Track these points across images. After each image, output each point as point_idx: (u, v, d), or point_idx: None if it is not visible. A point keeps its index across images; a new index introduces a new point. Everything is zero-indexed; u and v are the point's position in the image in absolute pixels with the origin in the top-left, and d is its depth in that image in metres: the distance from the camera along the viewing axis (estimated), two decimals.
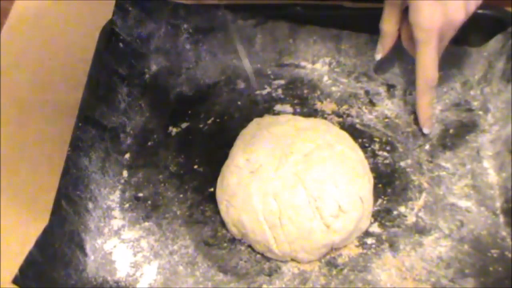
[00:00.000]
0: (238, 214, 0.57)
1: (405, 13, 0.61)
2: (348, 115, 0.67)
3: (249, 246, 0.58)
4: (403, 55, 0.66)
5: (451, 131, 0.65)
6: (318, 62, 0.72)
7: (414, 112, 0.66)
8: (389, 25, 0.63)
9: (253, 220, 0.56)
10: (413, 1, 0.58)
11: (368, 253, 0.57)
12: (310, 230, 0.55)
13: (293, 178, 0.56)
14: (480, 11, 0.65)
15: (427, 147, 0.64)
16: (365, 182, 0.58)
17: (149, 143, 0.66)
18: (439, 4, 0.57)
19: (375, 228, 0.58)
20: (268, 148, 0.59)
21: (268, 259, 0.57)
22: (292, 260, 0.57)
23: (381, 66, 0.70)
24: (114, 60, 0.67)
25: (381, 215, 0.59)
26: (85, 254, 0.56)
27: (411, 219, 0.59)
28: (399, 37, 0.65)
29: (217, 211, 0.60)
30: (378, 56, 0.67)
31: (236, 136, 0.63)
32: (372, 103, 0.68)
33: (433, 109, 0.66)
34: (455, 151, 0.63)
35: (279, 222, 0.55)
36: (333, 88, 0.70)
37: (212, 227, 0.59)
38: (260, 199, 0.56)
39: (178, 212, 0.61)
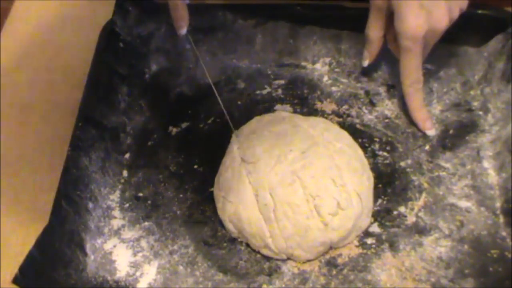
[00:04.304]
0: (234, 208, 0.57)
1: (390, 17, 0.62)
2: (348, 115, 0.67)
3: (249, 246, 0.58)
4: None
5: (451, 131, 0.65)
6: (318, 62, 0.72)
7: None
8: (375, 31, 0.64)
9: (248, 212, 0.56)
10: (398, 10, 0.59)
11: (368, 253, 0.57)
12: (307, 227, 0.55)
13: (291, 176, 0.56)
14: (480, 11, 0.66)
15: (427, 147, 0.64)
16: (364, 179, 0.59)
17: (149, 143, 0.66)
18: (423, 13, 0.58)
19: (375, 228, 0.58)
20: (266, 145, 0.59)
21: (268, 259, 0.57)
22: (290, 259, 0.57)
23: (381, 67, 0.70)
24: (114, 60, 0.67)
25: (381, 215, 0.59)
26: (85, 254, 0.56)
27: (411, 219, 0.59)
28: (385, 40, 0.65)
29: (217, 211, 0.60)
30: (366, 63, 0.67)
31: None
32: (372, 103, 0.68)
33: (427, 109, 0.66)
34: (455, 151, 0.63)
35: (273, 216, 0.55)
36: (333, 88, 0.70)
37: (212, 227, 0.59)
38: (255, 192, 0.56)
39: (178, 212, 0.61)
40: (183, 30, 0.68)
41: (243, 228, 0.57)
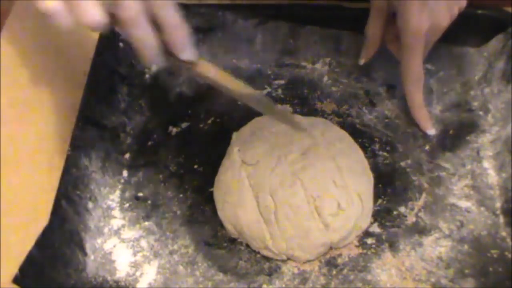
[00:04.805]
0: (234, 210, 0.57)
1: (390, 18, 0.62)
2: (348, 115, 0.67)
3: (249, 246, 0.58)
4: None
5: (451, 131, 0.65)
6: (318, 62, 0.72)
7: None
8: (374, 30, 0.65)
9: (248, 214, 0.56)
10: (401, 8, 0.59)
11: (368, 253, 0.57)
12: (308, 229, 0.55)
13: (292, 177, 0.56)
14: (480, 11, 0.66)
15: (427, 147, 0.64)
16: (364, 180, 0.59)
17: (149, 143, 0.66)
18: (426, 10, 0.58)
19: (375, 228, 0.58)
20: (266, 146, 0.59)
21: (268, 259, 0.57)
22: (290, 259, 0.57)
23: (381, 66, 0.70)
24: (114, 60, 0.67)
25: (381, 215, 0.59)
26: (85, 254, 0.56)
27: (411, 219, 0.59)
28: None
29: (217, 211, 0.60)
30: (362, 61, 0.68)
31: None
32: (372, 103, 0.68)
33: (427, 109, 0.66)
34: (455, 151, 0.63)
35: (274, 218, 0.55)
36: (333, 88, 0.70)
37: (212, 227, 0.59)
38: (255, 194, 0.56)
39: (178, 212, 0.61)
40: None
41: (243, 230, 0.57)
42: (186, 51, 0.47)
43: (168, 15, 0.45)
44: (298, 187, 0.56)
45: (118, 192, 0.62)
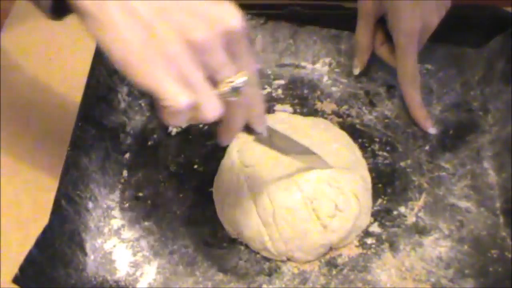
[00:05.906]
0: (233, 212, 0.57)
1: (377, 23, 0.63)
2: (348, 115, 0.67)
3: (249, 246, 0.58)
4: None
5: (451, 131, 0.65)
6: (318, 62, 0.72)
7: None
8: (365, 37, 0.66)
9: (247, 216, 0.56)
10: (393, 8, 0.60)
11: (368, 253, 0.57)
12: (306, 231, 0.55)
13: (288, 180, 0.56)
14: (480, 11, 0.66)
15: (427, 147, 0.64)
16: (358, 179, 0.58)
17: (149, 143, 0.66)
18: (418, 9, 0.59)
19: (375, 228, 0.58)
20: (264, 147, 0.59)
21: (268, 259, 0.57)
22: (289, 260, 0.57)
23: (381, 66, 0.70)
24: None
25: (381, 215, 0.59)
26: (85, 254, 0.56)
27: (411, 219, 0.59)
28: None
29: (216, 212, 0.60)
30: (357, 71, 0.69)
31: None
32: (372, 104, 0.68)
33: (427, 109, 0.66)
34: (455, 151, 0.63)
35: (272, 220, 0.55)
36: (333, 88, 0.70)
37: (212, 227, 0.59)
38: (253, 196, 0.56)
39: (178, 212, 0.61)
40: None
41: (242, 231, 0.57)
42: (263, 125, 0.48)
43: (256, 93, 0.45)
44: (294, 189, 0.56)
45: (118, 192, 0.62)
